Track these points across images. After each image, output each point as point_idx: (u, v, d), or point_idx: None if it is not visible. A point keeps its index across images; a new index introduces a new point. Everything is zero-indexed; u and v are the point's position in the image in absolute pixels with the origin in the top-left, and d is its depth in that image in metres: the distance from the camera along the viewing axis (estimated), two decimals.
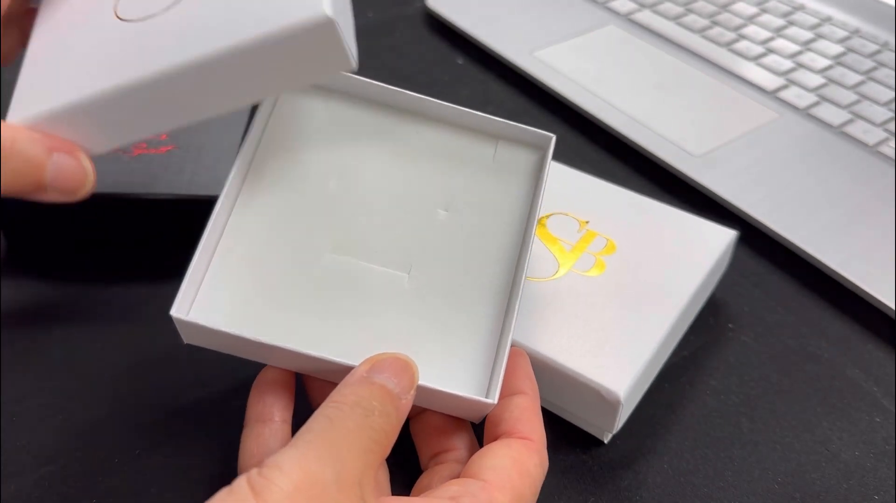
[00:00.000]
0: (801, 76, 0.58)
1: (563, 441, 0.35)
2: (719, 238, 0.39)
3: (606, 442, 0.35)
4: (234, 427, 0.31)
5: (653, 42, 0.61)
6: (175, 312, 0.29)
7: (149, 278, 0.41)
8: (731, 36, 0.62)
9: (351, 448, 0.25)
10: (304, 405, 0.32)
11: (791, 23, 0.64)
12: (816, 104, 0.55)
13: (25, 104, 0.29)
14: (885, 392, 0.38)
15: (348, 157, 0.34)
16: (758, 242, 0.45)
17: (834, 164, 0.50)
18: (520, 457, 0.28)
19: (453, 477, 0.29)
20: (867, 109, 0.54)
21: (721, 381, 0.38)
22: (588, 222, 0.39)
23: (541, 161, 0.35)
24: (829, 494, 0.33)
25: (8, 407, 0.35)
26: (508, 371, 0.30)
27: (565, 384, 0.33)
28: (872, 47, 0.61)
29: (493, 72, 0.60)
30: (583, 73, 0.57)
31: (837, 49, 0.61)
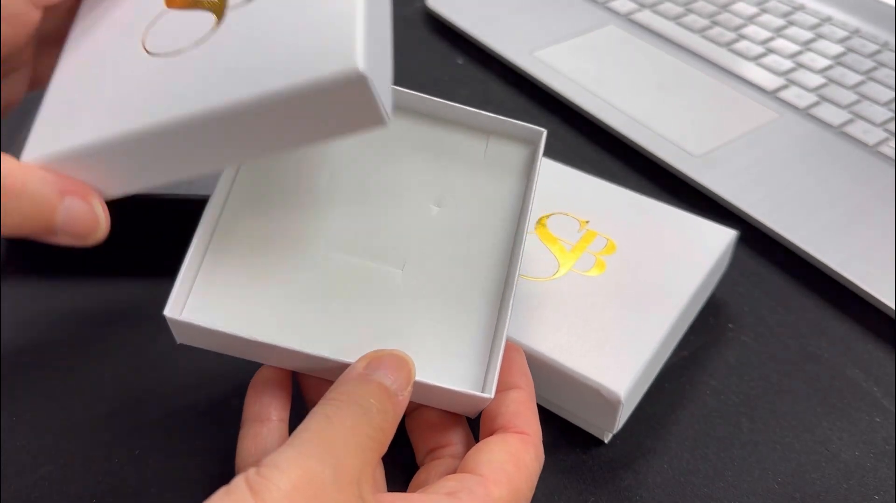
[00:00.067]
0: (801, 76, 0.58)
1: (563, 441, 0.35)
2: (719, 238, 0.39)
3: (607, 441, 0.35)
4: (234, 427, 0.31)
5: (653, 42, 0.61)
6: (168, 312, 0.29)
7: (148, 278, 0.41)
8: (731, 36, 0.62)
9: (349, 446, 0.25)
10: (302, 404, 0.32)
11: (791, 23, 0.64)
12: (816, 104, 0.55)
13: (43, 141, 0.28)
14: (885, 392, 0.38)
15: (340, 154, 0.34)
16: (758, 242, 0.45)
17: (834, 164, 0.50)
18: (516, 451, 0.28)
19: (450, 472, 0.29)
20: (867, 109, 0.54)
21: (721, 381, 0.38)
22: (588, 222, 0.39)
23: (532, 156, 0.35)
24: (829, 494, 0.33)
25: (8, 407, 0.35)
26: (504, 366, 0.30)
27: (565, 384, 0.33)
28: (872, 47, 0.61)
29: (493, 72, 0.60)
30: (583, 73, 0.57)
31: (837, 49, 0.61)
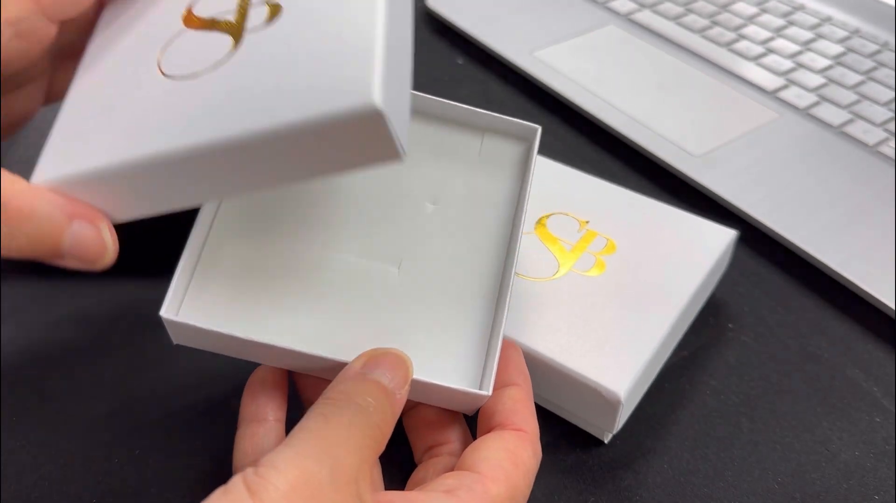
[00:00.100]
0: (801, 76, 0.58)
1: (563, 441, 0.35)
2: (719, 238, 0.39)
3: (606, 442, 0.35)
4: (233, 427, 0.31)
5: (653, 42, 0.61)
6: (164, 313, 0.29)
7: (149, 278, 0.41)
8: (731, 36, 0.62)
9: (347, 445, 0.25)
10: (298, 404, 0.32)
11: (791, 23, 0.64)
12: (816, 104, 0.55)
13: (54, 162, 0.27)
14: (885, 392, 0.38)
15: None
16: (758, 242, 0.45)
17: (834, 164, 0.50)
18: (514, 448, 0.28)
19: (448, 470, 0.29)
20: (867, 109, 0.54)
21: (721, 381, 0.38)
22: (588, 222, 0.39)
23: (527, 153, 0.35)
24: (829, 494, 0.33)
25: (8, 407, 0.35)
26: (501, 363, 0.30)
27: (565, 384, 0.33)
28: (872, 47, 0.61)
29: (493, 72, 0.60)
30: (583, 73, 0.57)
31: (837, 49, 0.61)
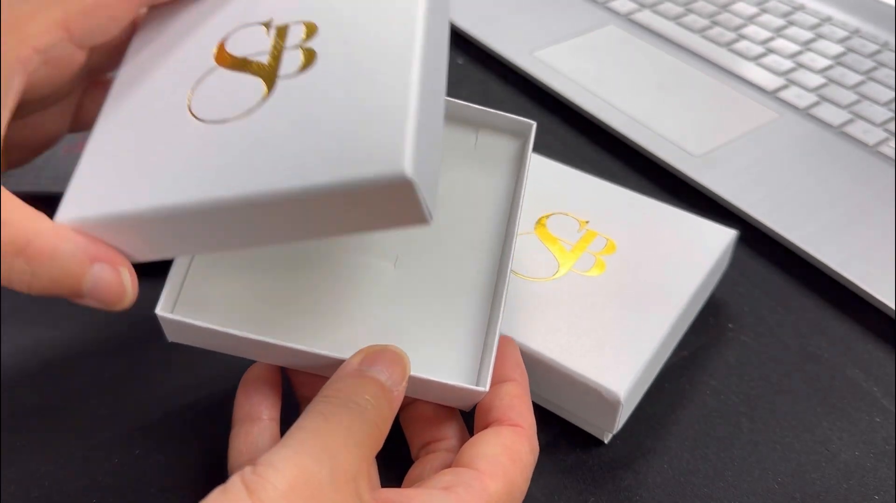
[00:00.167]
0: (801, 76, 0.58)
1: (563, 441, 0.35)
2: (719, 238, 0.39)
3: (606, 442, 0.35)
4: None
5: (653, 42, 0.61)
6: (159, 310, 0.29)
7: (148, 277, 0.41)
8: (731, 36, 0.62)
9: (345, 443, 0.25)
10: (292, 402, 0.32)
11: (791, 23, 0.64)
12: (816, 104, 0.55)
13: (79, 202, 0.27)
14: (885, 392, 0.38)
15: None
16: (758, 242, 0.45)
17: (834, 164, 0.50)
18: (511, 444, 0.28)
19: (445, 466, 0.29)
20: (867, 109, 0.54)
21: (721, 381, 0.38)
22: (588, 222, 0.39)
23: (522, 148, 0.35)
24: (829, 494, 0.33)
25: (7, 407, 0.35)
26: (498, 359, 0.30)
27: (565, 384, 0.33)
28: (872, 47, 0.61)
29: (493, 72, 0.60)
30: (583, 73, 0.57)
31: (837, 49, 0.61)
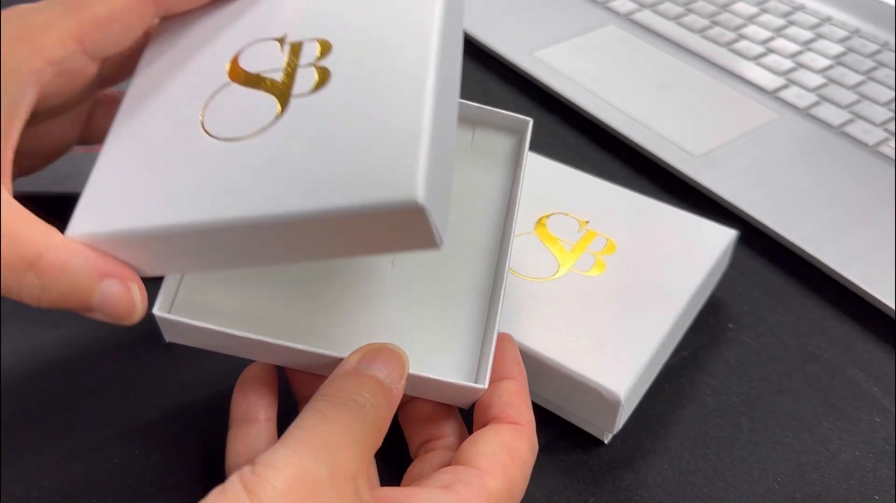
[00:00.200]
0: (802, 76, 0.58)
1: (563, 441, 0.35)
2: (719, 238, 0.39)
3: (606, 442, 0.35)
4: None
5: (653, 42, 0.61)
6: (157, 310, 0.29)
7: (149, 277, 0.41)
8: (732, 36, 0.62)
9: (344, 442, 0.25)
10: (290, 401, 0.32)
11: (791, 23, 0.64)
12: (816, 104, 0.55)
13: (90, 217, 0.27)
14: (885, 392, 0.38)
15: None
16: (758, 242, 0.45)
17: (834, 164, 0.50)
18: (510, 442, 0.28)
19: (444, 464, 0.29)
20: (867, 109, 0.54)
21: (721, 381, 0.38)
22: (588, 222, 0.39)
23: (519, 145, 0.35)
24: (829, 494, 0.33)
25: (7, 406, 0.35)
26: (496, 356, 0.30)
27: (565, 384, 0.33)
28: (872, 47, 0.61)
29: (493, 72, 0.60)
30: (583, 73, 0.57)
31: (837, 49, 0.61)
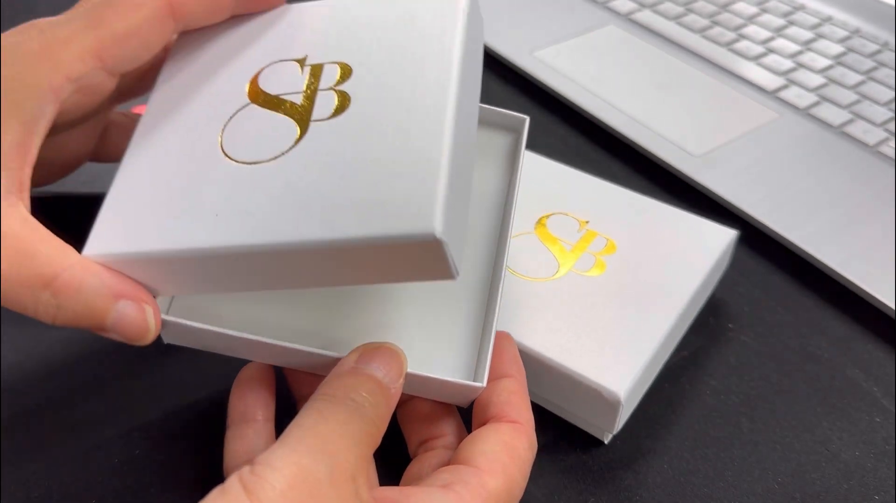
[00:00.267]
0: (802, 76, 0.58)
1: (563, 441, 0.35)
2: (719, 238, 0.39)
3: (607, 442, 0.35)
4: None
5: (653, 42, 0.61)
6: None
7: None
8: (732, 36, 0.62)
9: (343, 442, 0.25)
10: (288, 401, 0.32)
11: (791, 22, 0.64)
12: (817, 104, 0.55)
13: (106, 237, 0.27)
14: (885, 392, 0.38)
15: None
16: (758, 242, 0.45)
17: (834, 164, 0.50)
18: (510, 440, 0.28)
19: (443, 463, 0.29)
20: (867, 109, 0.54)
21: (721, 381, 0.38)
22: (588, 222, 0.39)
23: (515, 143, 0.35)
24: (830, 494, 0.33)
25: (7, 407, 0.35)
26: (495, 354, 0.30)
27: (565, 384, 0.33)
28: (873, 47, 0.61)
29: (493, 72, 0.60)
30: (583, 73, 0.57)
31: (838, 49, 0.61)
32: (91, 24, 0.27)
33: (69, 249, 0.26)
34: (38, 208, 0.27)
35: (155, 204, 0.27)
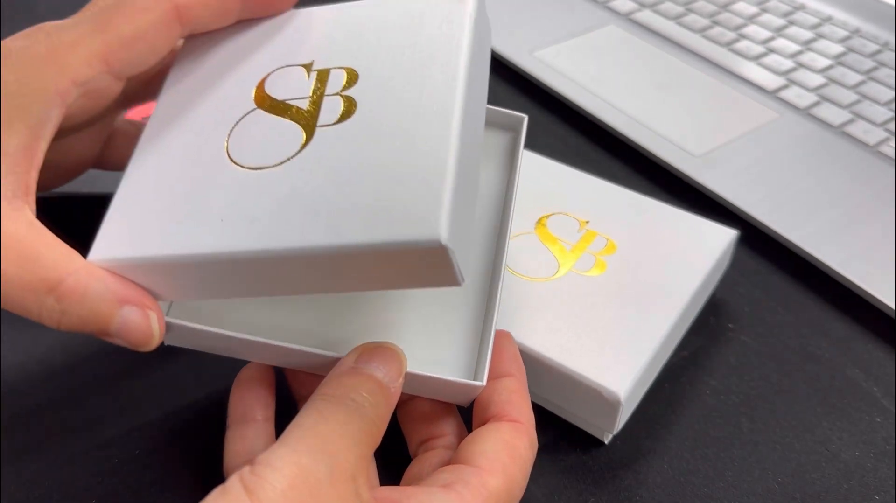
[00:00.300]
0: (802, 76, 0.58)
1: (563, 441, 0.35)
2: (720, 238, 0.39)
3: (607, 442, 0.35)
4: None
5: (653, 42, 0.61)
6: None
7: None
8: (732, 36, 0.62)
9: (343, 442, 0.25)
10: (288, 401, 0.32)
11: (791, 22, 0.64)
12: (817, 104, 0.55)
13: (112, 242, 0.27)
14: (885, 392, 0.38)
15: None
16: (758, 242, 0.45)
17: (834, 164, 0.50)
18: (510, 440, 0.28)
19: (443, 463, 0.29)
20: (867, 109, 0.54)
21: (721, 381, 0.38)
22: (588, 222, 0.39)
23: (514, 142, 0.35)
24: (830, 494, 0.33)
25: (7, 407, 0.35)
26: (494, 353, 0.30)
27: (566, 384, 0.33)
28: (873, 47, 0.61)
29: (493, 72, 0.59)
30: (583, 73, 0.57)
31: (838, 49, 0.61)
32: (98, 28, 0.27)
33: (74, 254, 0.26)
34: (41, 208, 0.27)
35: (160, 209, 0.27)
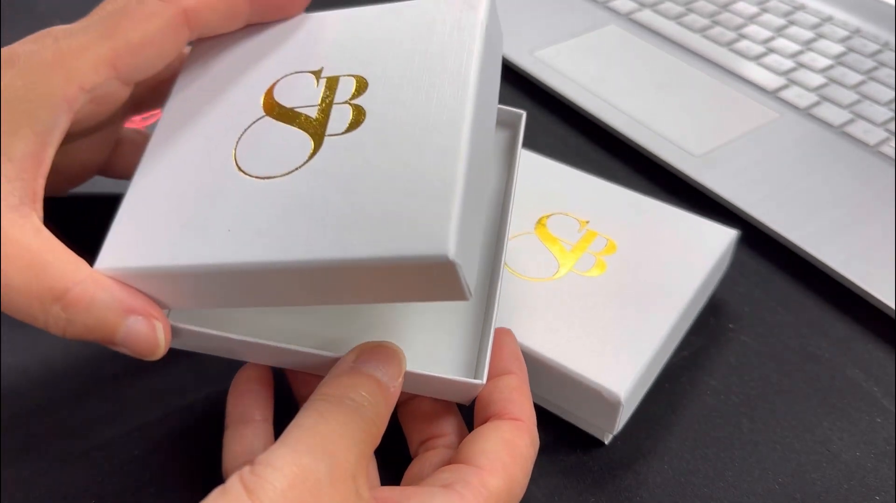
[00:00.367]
0: (802, 76, 0.58)
1: (563, 441, 0.35)
2: (720, 238, 0.39)
3: (607, 442, 0.35)
4: None
5: (653, 42, 0.61)
6: None
7: None
8: (732, 35, 0.62)
9: (343, 441, 0.25)
10: (287, 401, 0.32)
11: (792, 22, 0.64)
12: (817, 104, 0.55)
13: (118, 251, 0.27)
14: (885, 392, 0.38)
15: None
16: (758, 242, 0.45)
17: (834, 164, 0.50)
18: (511, 438, 0.28)
19: (444, 463, 0.29)
20: (868, 109, 0.54)
21: (721, 381, 0.38)
22: (588, 222, 0.39)
23: (513, 139, 0.35)
24: (830, 495, 0.33)
25: (7, 407, 0.35)
26: (495, 351, 0.30)
27: (566, 384, 0.33)
28: (873, 47, 0.61)
29: None
30: (583, 73, 0.57)
31: (838, 49, 0.61)
32: (106, 34, 0.27)
33: (81, 263, 0.26)
34: (46, 208, 0.27)
35: (167, 218, 0.27)
